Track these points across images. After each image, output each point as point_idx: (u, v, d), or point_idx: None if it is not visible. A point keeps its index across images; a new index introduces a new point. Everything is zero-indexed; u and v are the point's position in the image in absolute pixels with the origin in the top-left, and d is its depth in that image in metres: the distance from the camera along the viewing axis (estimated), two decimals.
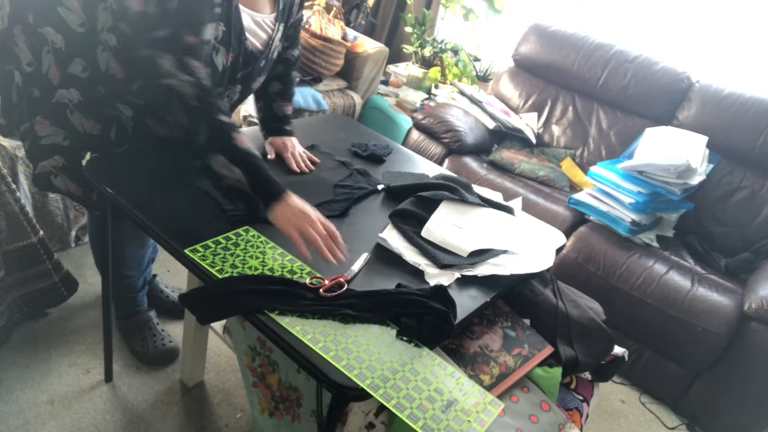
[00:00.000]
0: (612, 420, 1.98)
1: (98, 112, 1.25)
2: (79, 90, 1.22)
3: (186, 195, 1.20)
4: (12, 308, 1.59)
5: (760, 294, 1.88)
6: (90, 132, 1.27)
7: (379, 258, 1.16)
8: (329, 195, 1.33)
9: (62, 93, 1.22)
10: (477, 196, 1.43)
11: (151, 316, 1.73)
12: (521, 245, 1.31)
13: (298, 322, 0.94)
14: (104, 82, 1.22)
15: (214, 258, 1.03)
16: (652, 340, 2.05)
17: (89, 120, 1.25)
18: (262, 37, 1.28)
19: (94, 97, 1.23)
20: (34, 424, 1.43)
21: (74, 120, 1.25)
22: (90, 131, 1.27)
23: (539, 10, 3.26)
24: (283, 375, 1.20)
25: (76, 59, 1.20)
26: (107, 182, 1.16)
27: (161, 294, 1.87)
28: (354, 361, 0.89)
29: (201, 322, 0.95)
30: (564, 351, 1.20)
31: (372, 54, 2.97)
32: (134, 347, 1.69)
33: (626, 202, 2.15)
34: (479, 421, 0.90)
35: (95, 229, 1.63)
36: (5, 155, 1.71)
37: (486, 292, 1.14)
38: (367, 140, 1.69)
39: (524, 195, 2.34)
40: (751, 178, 2.37)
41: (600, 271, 2.09)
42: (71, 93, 1.22)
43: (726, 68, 2.74)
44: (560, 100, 2.88)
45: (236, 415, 1.61)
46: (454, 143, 2.55)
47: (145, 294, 1.74)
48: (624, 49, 2.69)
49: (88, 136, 1.27)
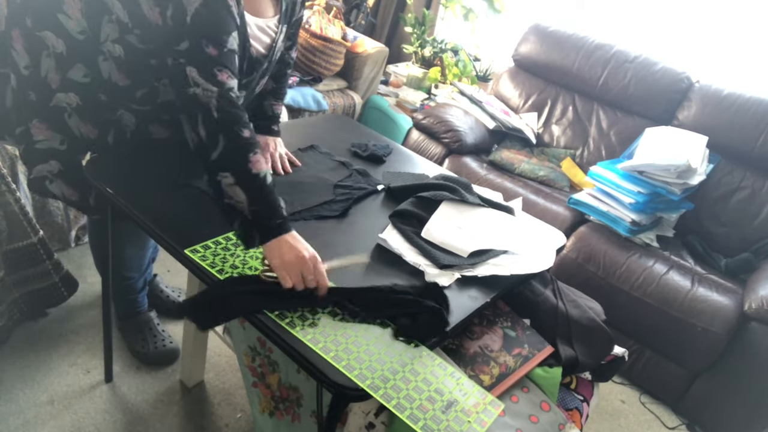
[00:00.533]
0: (612, 420, 1.98)
1: (97, 116, 1.24)
2: (79, 94, 1.22)
3: (186, 195, 1.20)
4: (12, 308, 1.59)
5: (760, 294, 1.88)
6: (87, 136, 1.26)
7: (379, 258, 1.16)
8: (329, 195, 1.33)
9: (61, 97, 1.22)
10: (477, 196, 1.43)
11: (152, 316, 1.73)
12: (521, 245, 1.31)
13: (299, 323, 0.94)
14: (105, 89, 1.21)
15: (214, 258, 1.03)
16: (652, 340, 2.05)
17: (87, 124, 1.25)
18: (266, 42, 1.27)
19: (94, 102, 1.23)
20: (34, 424, 1.43)
21: (72, 123, 1.24)
22: (87, 135, 1.26)
23: (539, 10, 3.26)
24: (283, 375, 1.20)
25: (78, 65, 1.19)
26: (107, 182, 1.16)
27: (161, 294, 1.87)
28: (354, 361, 0.89)
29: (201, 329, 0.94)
30: (564, 351, 1.20)
31: (372, 54, 2.97)
32: (134, 348, 1.69)
33: (626, 202, 2.15)
34: (479, 421, 0.90)
35: (95, 231, 1.63)
36: (5, 155, 1.71)
37: (486, 293, 1.14)
38: (367, 140, 1.69)
39: (524, 195, 2.34)
40: (751, 178, 2.37)
41: (600, 271, 2.09)
42: (70, 97, 1.22)
43: (726, 68, 2.74)
44: (560, 100, 2.88)
45: (236, 415, 1.61)
46: (454, 143, 2.55)
47: (146, 294, 1.74)
48: (624, 49, 2.69)
49: (85, 140, 1.27)
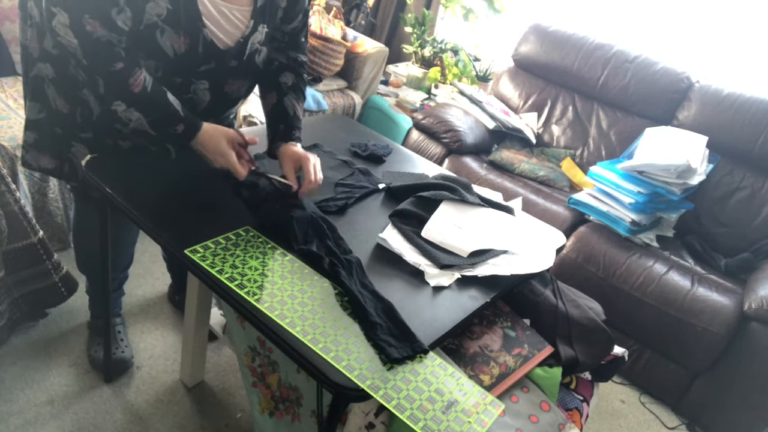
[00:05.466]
0: (612, 420, 1.98)
1: (68, 91, 1.24)
2: (53, 66, 1.21)
3: (186, 195, 1.20)
4: (12, 308, 1.59)
5: (760, 294, 1.88)
6: (60, 110, 1.26)
7: (379, 258, 1.16)
8: (330, 193, 1.33)
9: (40, 66, 1.22)
10: (477, 196, 1.43)
11: (117, 322, 1.69)
12: (521, 245, 1.31)
13: (299, 323, 0.94)
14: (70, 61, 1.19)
15: (214, 258, 1.03)
16: (652, 340, 2.05)
17: (60, 98, 1.25)
18: (230, 31, 1.20)
19: (64, 76, 1.22)
20: (34, 424, 1.43)
21: (49, 94, 1.25)
22: (61, 109, 1.26)
23: (539, 10, 3.26)
24: (283, 375, 1.20)
25: (48, 34, 1.17)
26: (107, 182, 1.16)
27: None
28: (354, 362, 0.89)
29: None
30: (564, 351, 1.20)
31: (372, 54, 2.97)
32: (88, 351, 1.65)
33: (626, 202, 2.15)
34: (479, 421, 0.90)
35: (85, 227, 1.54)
36: (5, 155, 1.71)
37: (486, 292, 1.14)
38: (366, 140, 1.69)
39: (524, 195, 2.34)
40: (751, 178, 2.37)
41: (600, 271, 2.09)
42: (47, 68, 1.22)
43: (726, 68, 2.74)
44: (560, 100, 2.88)
45: (236, 415, 1.61)
46: (454, 143, 2.55)
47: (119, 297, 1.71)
48: (624, 49, 2.69)
49: (59, 114, 1.26)
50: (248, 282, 1.00)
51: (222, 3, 1.16)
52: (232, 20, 1.19)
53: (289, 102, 1.33)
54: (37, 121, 1.28)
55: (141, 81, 1.10)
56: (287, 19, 1.32)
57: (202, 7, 1.13)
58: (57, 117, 1.26)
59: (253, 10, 1.21)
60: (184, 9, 1.11)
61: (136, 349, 1.72)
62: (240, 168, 1.17)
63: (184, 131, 1.16)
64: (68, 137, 1.28)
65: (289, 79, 1.35)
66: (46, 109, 1.26)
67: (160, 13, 1.09)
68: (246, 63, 1.27)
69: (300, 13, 1.33)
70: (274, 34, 1.33)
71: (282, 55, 1.38)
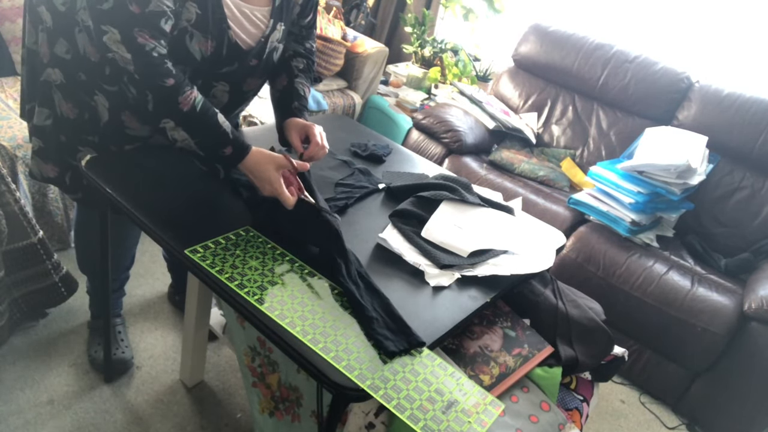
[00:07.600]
0: (612, 420, 1.98)
1: (76, 96, 1.24)
2: (63, 72, 1.22)
3: (186, 195, 1.20)
4: (12, 308, 1.59)
5: (760, 294, 1.88)
6: (67, 115, 1.26)
7: (379, 258, 1.16)
8: (329, 193, 1.33)
9: (49, 72, 1.22)
10: (477, 196, 1.43)
11: (117, 322, 1.70)
12: (521, 245, 1.31)
13: (299, 323, 0.94)
14: (83, 66, 1.20)
15: (214, 258, 1.03)
16: (652, 340, 2.05)
17: (68, 103, 1.25)
18: (251, 32, 1.23)
19: (74, 81, 1.22)
20: (34, 424, 1.43)
21: (56, 99, 1.25)
22: (67, 114, 1.26)
23: (539, 10, 3.26)
24: (283, 375, 1.20)
25: (61, 39, 1.19)
26: (107, 182, 1.16)
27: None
28: (354, 362, 0.89)
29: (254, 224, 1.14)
30: (564, 351, 1.20)
31: (372, 54, 2.97)
32: (88, 351, 1.65)
33: (626, 202, 2.15)
34: (479, 421, 0.90)
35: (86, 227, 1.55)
36: (5, 155, 1.71)
37: (486, 293, 1.14)
38: (366, 140, 1.69)
39: (524, 195, 2.34)
40: (751, 178, 2.37)
41: (600, 271, 2.09)
42: (56, 73, 1.22)
43: (726, 68, 2.74)
44: (560, 100, 2.88)
45: (236, 415, 1.61)
46: (454, 143, 2.55)
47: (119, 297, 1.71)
48: (624, 49, 2.69)
49: (65, 120, 1.26)
50: (248, 282, 1.00)
51: (243, 4, 1.19)
52: (254, 20, 1.22)
53: (300, 84, 1.37)
54: (43, 128, 1.28)
55: (191, 100, 1.09)
56: (303, 14, 1.37)
57: (227, 9, 1.16)
58: (63, 123, 1.27)
59: (272, 10, 1.24)
60: (212, 12, 1.13)
61: (136, 349, 1.72)
62: (288, 197, 1.11)
63: (231, 154, 1.13)
64: (74, 143, 1.28)
65: (300, 63, 1.40)
66: (53, 115, 1.27)
67: (189, 18, 1.11)
68: (265, 62, 1.30)
69: (314, 7, 1.38)
70: (291, 29, 1.37)
71: (297, 45, 1.42)
